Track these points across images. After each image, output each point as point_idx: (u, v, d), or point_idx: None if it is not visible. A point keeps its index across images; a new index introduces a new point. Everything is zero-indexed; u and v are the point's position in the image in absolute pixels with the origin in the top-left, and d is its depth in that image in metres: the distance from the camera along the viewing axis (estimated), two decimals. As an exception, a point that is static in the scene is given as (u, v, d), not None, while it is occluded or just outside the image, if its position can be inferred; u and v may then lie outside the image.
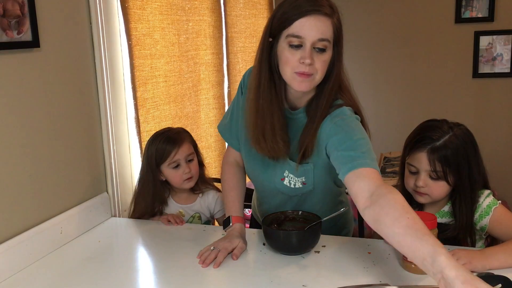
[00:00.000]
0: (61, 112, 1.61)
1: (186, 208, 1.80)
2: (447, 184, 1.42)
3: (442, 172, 1.40)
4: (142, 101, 2.05)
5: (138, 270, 1.42)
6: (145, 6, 2.05)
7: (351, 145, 1.28)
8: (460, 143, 1.41)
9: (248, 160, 1.55)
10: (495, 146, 3.55)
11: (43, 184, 1.54)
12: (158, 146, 1.72)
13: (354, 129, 1.33)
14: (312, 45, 1.27)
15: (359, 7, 3.68)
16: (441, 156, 1.40)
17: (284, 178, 1.47)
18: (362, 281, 1.25)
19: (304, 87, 1.31)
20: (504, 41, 3.42)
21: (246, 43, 3.06)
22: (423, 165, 1.42)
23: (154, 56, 2.13)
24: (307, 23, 1.26)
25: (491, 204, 1.40)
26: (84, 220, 1.69)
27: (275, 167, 1.47)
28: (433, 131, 1.43)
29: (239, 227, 1.50)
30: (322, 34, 1.27)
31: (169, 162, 1.72)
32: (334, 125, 1.34)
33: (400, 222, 1.07)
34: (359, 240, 1.55)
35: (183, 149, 1.73)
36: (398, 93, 3.74)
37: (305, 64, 1.27)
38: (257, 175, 1.56)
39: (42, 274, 1.39)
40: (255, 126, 1.40)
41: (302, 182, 1.46)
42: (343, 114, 1.36)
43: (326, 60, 1.30)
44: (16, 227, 1.45)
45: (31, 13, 1.44)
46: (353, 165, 1.23)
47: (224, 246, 1.41)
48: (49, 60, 1.55)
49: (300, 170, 1.43)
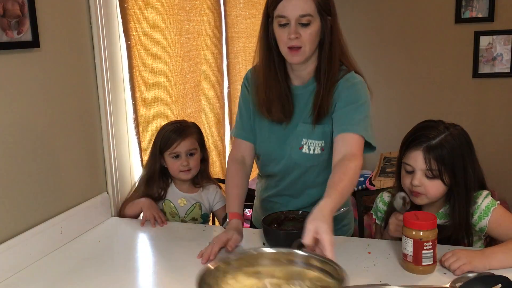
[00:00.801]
0: (61, 112, 1.61)
1: (187, 197, 1.83)
2: (442, 183, 1.41)
3: (438, 170, 1.40)
4: (142, 101, 2.05)
5: (138, 270, 1.42)
6: (146, 6, 2.05)
7: (354, 108, 1.46)
8: (456, 142, 1.41)
9: (264, 140, 1.62)
10: (495, 146, 3.55)
11: (43, 184, 1.54)
12: (165, 134, 1.80)
13: (361, 94, 1.50)
14: (297, 21, 1.43)
15: (359, 7, 3.68)
16: (436, 154, 1.40)
17: (302, 147, 1.55)
18: (362, 281, 1.25)
19: (296, 60, 1.48)
20: (504, 41, 3.42)
21: (246, 43, 3.06)
22: (419, 164, 1.42)
23: (155, 56, 2.13)
24: (289, 3, 1.43)
25: (490, 205, 1.40)
26: (84, 220, 1.69)
27: (292, 139, 1.56)
28: (429, 131, 1.43)
29: (236, 222, 1.52)
30: (303, 10, 1.42)
31: (170, 152, 1.78)
32: (346, 89, 1.49)
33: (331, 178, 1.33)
34: (359, 240, 1.55)
35: (186, 143, 1.79)
36: (398, 93, 3.74)
37: (292, 39, 1.44)
38: (273, 151, 1.60)
39: (42, 274, 1.39)
40: (262, 94, 1.57)
41: (321, 147, 1.53)
42: (353, 78, 1.52)
43: (312, 32, 1.45)
44: (16, 227, 1.45)
45: (31, 13, 1.44)
46: (345, 128, 1.44)
47: (219, 238, 1.44)
48: (49, 60, 1.55)
49: (319, 132, 1.52)
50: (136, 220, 1.79)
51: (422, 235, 1.26)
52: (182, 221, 1.82)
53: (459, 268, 1.25)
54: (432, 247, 1.27)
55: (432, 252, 1.27)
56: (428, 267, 1.28)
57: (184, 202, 1.82)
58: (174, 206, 1.81)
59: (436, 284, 1.22)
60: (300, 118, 1.56)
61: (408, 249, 1.28)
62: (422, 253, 1.26)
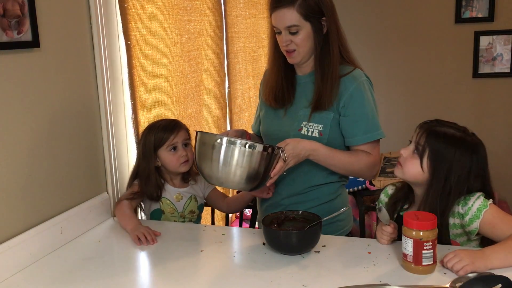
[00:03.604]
0: (61, 112, 1.61)
1: (182, 191, 1.84)
2: (420, 166, 1.41)
3: (422, 150, 1.40)
4: (143, 101, 2.05)
5: (138, 270, 1.42)
6: (146, 6, 2.05)
7: (361, 114, 1.61)
8: (459, 151, 1.38)
9: (266, 122, 1.78)
10: (495, 146, 3.54)
11: (43, 184, 1.54)
12: (156, 133, 1.78)
13: (368, 96, 1.63)
14: (286, 30, 1.58)
15: (359, 7, 3.68)
16: (431, 138, 1.40)
17: (301, 128, 1.65)
18: (362, 281, 1.25)
19: (292, 61, 1.65)
20: (504, 41, 3.42)
21: (246, 43, 3.06)
22: (414, 137, 1.44)
23: (155, 56, 2.13)
24: (276, 16, 1.59)
25: (481, 207, 1.36)
26: (84, 220, 1.69)
27: (292, 121, 1.68)
28: (446, 124, 1.44)
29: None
30: (288, 22, 1.57)
31: (167, 145, 1.77)
32: (357, 89, 1.61)
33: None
34: (359, 240, 1.55)
35: (181, 134, 1.81)
36: (398, 93, 3.74)
37: (284, 46, 1.61)
38: (273, 132, 1.73)
39: (42, 274, 1.39)
40: (267, 83, 1.76)
41: (320, 131, 1.62)
42: (360, 76, 1.64)
43: (301, 38, 1.59)
44: (16, 227, 1.45)
45: (31, 13, 1.44)
46: (351, 141, 1.63)
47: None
48: (49, 60, 1.55)
49: (318, 117, 1.63)
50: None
51: (422, 235, 1.26)
52: (181, 216, 1.82)
53: (463, 268, 1.25)
54: (432, 247, 1.27)
55: (432, 252, 1.27)
56: (428, 267, 1.28)
57: (180, 197, 1.83)
58: (171, 203, 1.81)
59: (436, 284, 1.22)
60: (302, 104, 1.67)
61: (408, 249, 1.28)
62: (422, 253, 1.26)
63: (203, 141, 1.49)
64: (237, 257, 1.45)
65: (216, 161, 1.44)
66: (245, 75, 3.09)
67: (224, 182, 1.47)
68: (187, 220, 1.83)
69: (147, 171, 1.78)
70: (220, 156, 1.43)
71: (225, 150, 1.42)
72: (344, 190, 1.77)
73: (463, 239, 1.44)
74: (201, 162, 1.49)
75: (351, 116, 1.61)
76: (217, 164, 1.44)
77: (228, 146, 1.42)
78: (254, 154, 1.42)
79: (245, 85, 3.10)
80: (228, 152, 1.42)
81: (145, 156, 1.79)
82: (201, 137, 1.50)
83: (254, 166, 1.43)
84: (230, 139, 1.43)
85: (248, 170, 1.43)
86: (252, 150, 1.42)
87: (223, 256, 1.45)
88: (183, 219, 1.83)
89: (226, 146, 1.42)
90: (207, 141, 1.47)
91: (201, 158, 1.49)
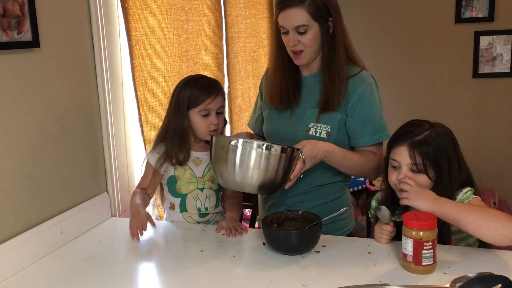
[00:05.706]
0: (61, 112, 1.61)
1: (202, 156, 1.73)
2: (427, 177, 1.42)
3: (423, 165, 1.42)
4: (141, 101, 2.04)
5: (138, 270, 1.42)
6: (145, 6, 2.05)
7: (369, 116, 1.62)
8: (440, 139, 1.43)
9: (272, 123, 1.75)
10: (495, 146, 3.55)
11: (43, 184, 1.54)
12: (192, 91, 1.66)
13: (376, 97, 1.64)
14: (295, 30, 1.56)
15: (359, 7, 3.68)
16: (421, 149, 1.42)
17: (309, 129, 1.64)
18: (362, 281, 1.26)
19: (299, 62, 1.63)
20: (504, 41, 3.42)
21: (246, 43, 3.06)
22: (404, 159, 1.43)
23: (153, 56, 2.13)
24: (284, 16, 1.57)
25: (464, 199, 1.41)
26: (84, 220, 1.69)
27: (299, 121, 1.66)
28: (414, 128, 1.46)
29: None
30: (297, 21, 1.55)
31: (200, 109, 1.65)
32: (365, 90, 1.61)
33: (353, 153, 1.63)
34: (359, 240, 1.55)
35: (218, 100, 1.68)
36: (398, 93, 3.73)
37: (291, 46, 1.59)
38: (280, 132, 1.70)
39: (42, 274, 1.39)
40: (271, 85, 1.73)
41: (327, 132, 1.62)
42: (368, 77, 1.64)
43: (309, 38, 1.57)
44: (16, 227, 1.45)
45: (31, 13, 1.44)
46: (358, 142, 1.63)
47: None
48: (49, 60, 1.55)
49: (327, 117, 1.62)
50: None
51: (422, 235, 1.26)
52: (200, 182, 1.71)
53: (402, 199, 1.37)
54: (432, 247, 1.27)
55: (432, 252, 1.27)
56: (428, 267, 1.28)
57: (200, 162, 1.72)
58: (189, 168, 1.70)
59: (436, 284, 1.22)
60: (309, 105, 1.66)
61: (408, 249, 1.29)
62: (422, 253, 1.26)
63: (220, 145, 1.45)
64: (237, 257, 1.45)
65: (232, 164, 1.41)
66: (245, 75, 3.09)
67: (242, 186, 1.44)
68: (206, 187, 1.72)
69: (180, 129, 1.66)
70: (236, 158, 1.40)
71: (241, 152, 1.40)
72: (347, 189, 1.78)
73: (459, 236, 1.46)
74: (217, 165, 1.45)
75: (360, 117, 1.61)
76: (233, 167, 1.41)
77: (244, 148, 1.39)
78: (271, 156, 1.40)
79: (245, 85, 3.10)
80: (244, 154, 1.40)
81: (177, 113, 1.67)
82: (216, 141, 1.46)
83: (272, 168, 1.41)
84: (246, 141, 1.40)
85: (265, 173, 1.40)
86: (269, 152, 1.39)
87: (223, 256, 1.45)
88: (202, 186, 1.72)
89: (242, 149, 1.40)
90: (223, 144, 1.43)
91: (217, 161, 1.46)
